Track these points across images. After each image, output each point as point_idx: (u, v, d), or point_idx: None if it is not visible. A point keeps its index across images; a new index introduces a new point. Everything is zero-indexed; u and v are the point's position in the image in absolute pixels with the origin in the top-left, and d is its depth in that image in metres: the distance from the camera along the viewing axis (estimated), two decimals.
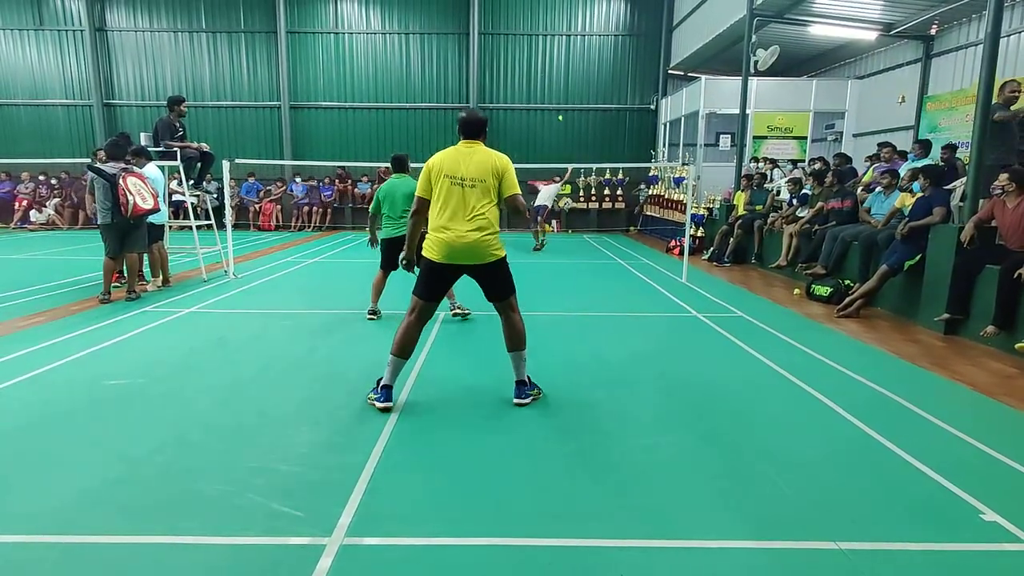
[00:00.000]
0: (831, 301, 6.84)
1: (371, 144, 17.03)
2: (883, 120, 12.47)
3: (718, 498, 2.62)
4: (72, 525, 2.34)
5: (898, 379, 4.25)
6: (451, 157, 3.45)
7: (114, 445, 3.04)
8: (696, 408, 3.70)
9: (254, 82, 16.92)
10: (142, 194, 6.30)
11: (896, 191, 7.10)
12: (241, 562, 2.14)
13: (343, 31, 16.74)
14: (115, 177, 6.14)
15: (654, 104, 17.00)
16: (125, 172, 6.24)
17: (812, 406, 3.74)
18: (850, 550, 2.24)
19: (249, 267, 9.13)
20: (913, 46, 11.72)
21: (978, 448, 3.15)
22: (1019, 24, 9.42)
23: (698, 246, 11.65)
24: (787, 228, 8.80)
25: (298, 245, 12.51)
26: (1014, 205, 5.11)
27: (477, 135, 3.50)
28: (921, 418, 3.55)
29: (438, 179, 3.44)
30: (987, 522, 2.45)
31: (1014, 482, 2.81)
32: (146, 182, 6.45)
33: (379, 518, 2.41)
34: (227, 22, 16.66)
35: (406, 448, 3.07)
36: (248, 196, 16.04)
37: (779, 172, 11.76)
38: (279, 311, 6.25)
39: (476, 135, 3.50)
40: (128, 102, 16.90)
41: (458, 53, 16.83)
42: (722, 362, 4.68)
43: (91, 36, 16.30)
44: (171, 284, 7.46)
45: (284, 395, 3.80)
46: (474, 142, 3.49)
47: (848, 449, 3.15)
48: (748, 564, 2.17)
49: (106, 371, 4.14)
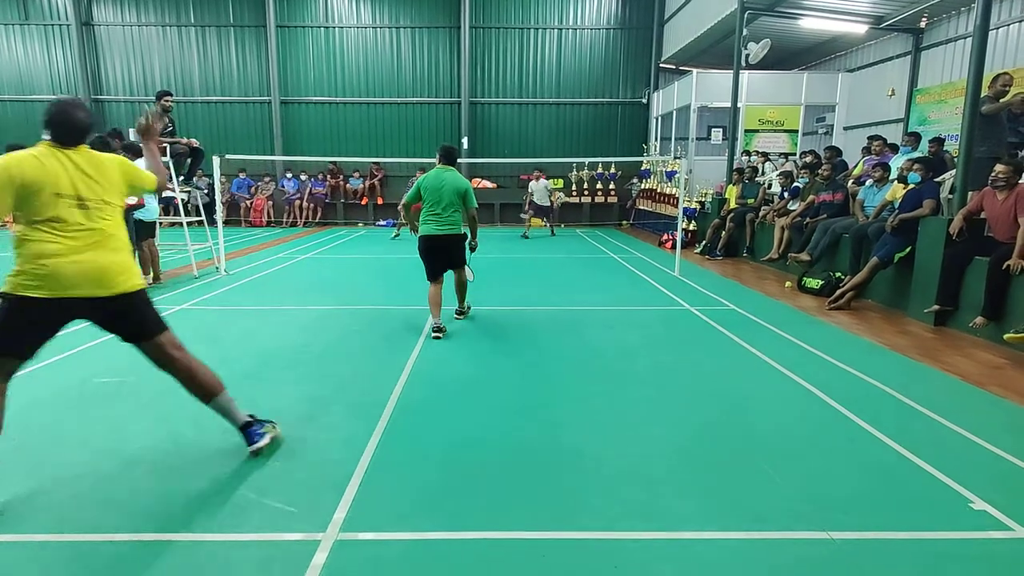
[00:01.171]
0: (822, 293, 6.87)
1: (362, 139, 16.96)
2: (873, 113, 12.53)
3: (711, 490, 2.63)
4: (64, 524, 2.33)
5: (888, 370, 4.29)
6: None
7: (105, 443, 3.03)
8: (689, 401, 3.72)
9: (244, 77, 16.79)
10: None
11: (888, 184, 7.14)
12: (236, 558, 2.14)
13: (333, 25, 16.63)
14: None
15: (646, 98, 17.00)
16: None
17: (804, 398, 3.77)
18: (842, 540, 2.26)
19: (241, 263, 9.08)
20: (903, 39, 11.77)
21: (967, 438, 3.18)
22: (1008, 17, 9.48)
23: (690, 240, 11.68)
24: (778, 221, 8.83)
25: (290, 241, 12.46)
26: (1004, 197, 5.14)
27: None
28: (911, 409, 3.59)
29: None
30: (976, 511, 2.47)
31: (1003, 471, 2.84)
32: None
33: (373, 513, 2.41)
34: (216, 16, 16.51)
35: (399, 444, 3.07)
36: (239, 192, 15.95)
37: (771, 165, 11.80)
38: (271, 307, 6.22)
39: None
40: (116, 97, 16.74)
41: (449, 47, 16.76)
42: (714, 355, 4.70)
43: (78, 30, 16.12)
44: (162, 281, 7.41)
45: (276, 391, 3.79)
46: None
47: (839, 440, 3.17)
48: (742, 555, 2.19)
49: (96, 369, 4.11)
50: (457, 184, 5.11)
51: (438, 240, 5.15)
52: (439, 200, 5.09)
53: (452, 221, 5.14)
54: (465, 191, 5.13)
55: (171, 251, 8.79)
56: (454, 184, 5.10)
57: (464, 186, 5.14)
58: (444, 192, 5.07)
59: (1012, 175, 5.06)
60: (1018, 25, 9.35)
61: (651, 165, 14.99)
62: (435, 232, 5.13)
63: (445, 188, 5.07)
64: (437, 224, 5.12)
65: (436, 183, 5.10)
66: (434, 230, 5.13)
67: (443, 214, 5.11)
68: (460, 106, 16.85)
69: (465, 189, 5.14)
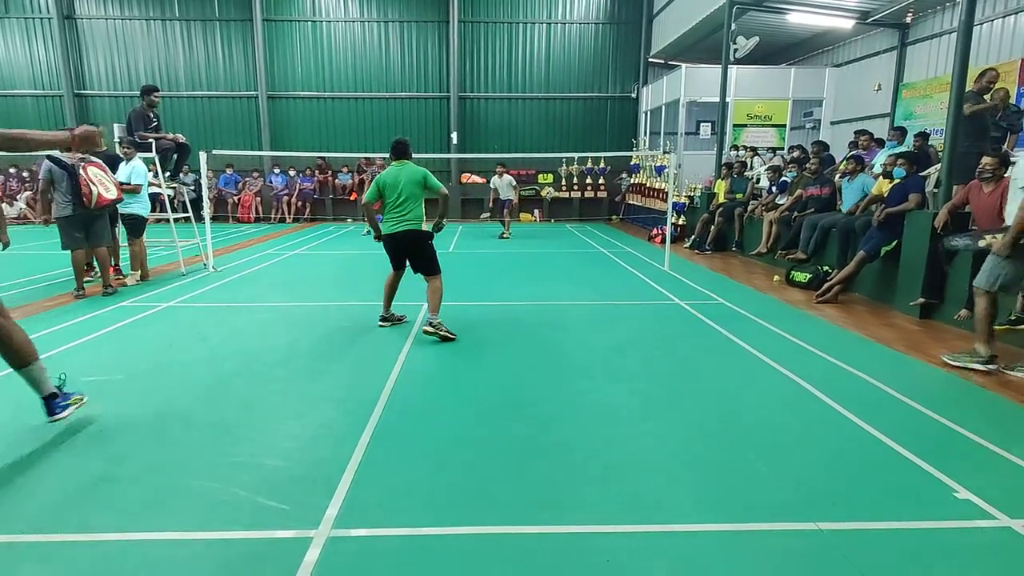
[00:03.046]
0: (810, 287, 6.94)
1: (350, 134, 16.86)
2: (860, 108, 12.63)
3: (701, 483, 2.66)
4: (55, 524, 2.31)
5: (875, 363, 4.34)
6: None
7: (95, 442, 3.00)
8: (678, 395, 3.75)
9: (230, 71, 16.63)
10: (104, 183, 6.07)
11: (860, 175, 7.24)
12: (228, 557, 2.13)
13: (320, 19, 16.50)
14: (74, 167, 5.97)
15: (635, 92, 17.03)
16: (85, 162, 6.04)
17: (792, 391, 3.81)
18: (829, 530, 2.29)
19: (229, 260, 9.02)
20: (889, 34, 11.86)
21: (952, 428, 3.23)
22: (992, 12, 9.58)
23: (680, 234, 11.73)
24: (767, 215, 8.89)
25: (278, 237, 12.37)
26: (990, 190, 5.21)
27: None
28: (897, 400, 3.63)
29: None
30: (961, 500, 2.52)
31: (986, 461, 2.89)
32: (107, 172, 6.25)
33: (365, 510, 2.41)
34: (201, 10, 16.33)
35: (391, 440, 3.07)
36: (226, 188, 15.80)
37: (759, 160, 11.87)
38: (260, 304, 6.18)
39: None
40: (100, 92, 16.52)
41: (438, 41, 16.68)
42: (704, 349, 4.73)
43: (59, 24, 15.87)
44: (149, 278, 7.34)
45: (267, 389, 3.77)
46: None
47: (827, 432, 3.21)
48: (732, 547, 2.21)
49: (83, 367, 4.07)
50: (413, 175, 4.95)
51: (402, 237, 4.98)
52: (399, 195, 4.92)
53: (414, 216, 4.96)
54: (423, 177, 4.98)
55: (158, 248, 8.70)
56: (410, 175, 4.95)
57: (421, 174, 4.97)
58: (402, 185, 4.92)
59: (998, 167, 5.15)
60: (1002, 20, 9.45)
61: (640, 160, 15.03)
62: (397, 230, 4.97)
63: (403, 181, 4.94)
64: (398, 221, 4.96)
65: (394, 179, 4.96)
66: (396, 228, 4.98)
67: (403, 209, 4.94)
68: (449, 101, 16.79)
69: (423, 176, 4.98)
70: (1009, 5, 9.29)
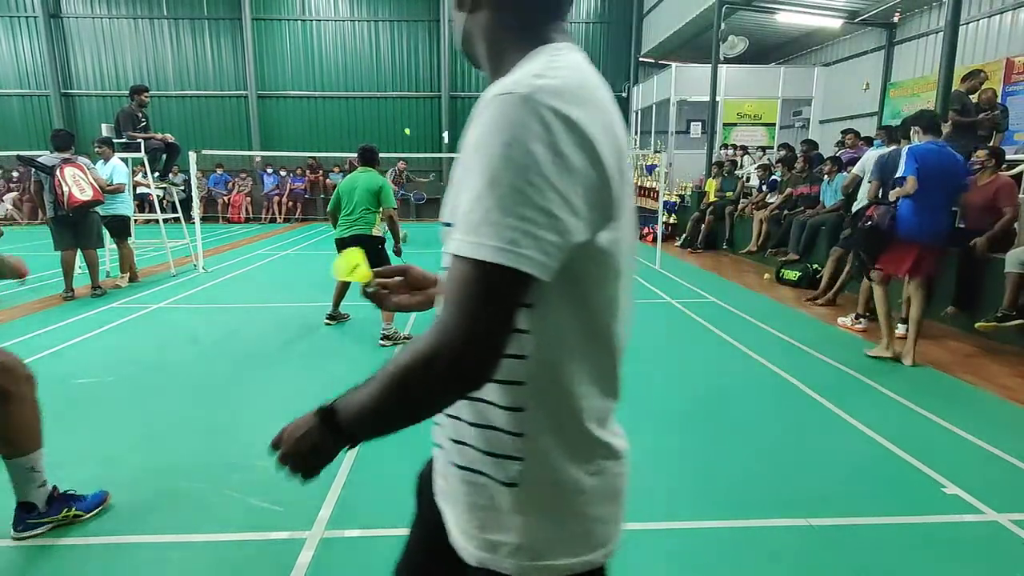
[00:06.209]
0: (800, 285, 7.00)
1: (341, 134, 16.78)
2: (848, 107, 12.72)
3: (693, 479, 2.68)
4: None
5: (864, 360, 4.38)
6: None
7: (86, 445, 2.98)
8: (670, 393, 3.77)
9: (219, 71, 16.51)
10: (79, 184, 5.97)
11: (838, 175, 7.34)
12: (222, 558, 2.13)
13: (310, 18, 16.42)
14: (53, 168, 5.92)
15: (625, 92, 17.06)
16: (64, 163, 5.97)
17: (782, 387, 3.84)
18: (820, 526, 2.32)
19: (219, 260, 8.96)
20: (877, 33, 11.95)
21: (940, 424, 3.27)
22: (978, 12, 9.67)
23: (671, 233, 11.78)
24: (757, 214, 8.95)
25: (269, 237, 12.31)
26: (984, 183, 5.30)
27: None
28: (886, 397, 3.67)
29: None
30: (948, 495, 2.55)
31: (973, 456, 2.93)
32: (86, 172, 6.15)
33: (358, 510, 2.41)
34: (190, 8, 16.20)
35: (383, 441, 3.06)
36: (216, 188, 15.69)
37: (749, 159, 11.94)
38: (251, 305, 6.16)
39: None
40: (87, 92, 16.35)
41: (429, 41, 16.64)
42: (695, 347, 4.77)
43: (45, 23, 15.69)
44: (139, 279, 7.28)
45: (258, 390, 3.76)
46: None
47: (817, 428, 3.24)
48: (723, 542, 2.23)
49: (73, 370, 4.04)
50: (370, 183, 4.83)
51: (349, 241, 4.70)
52: (351, 201, 4.83)
53: (364, 221, 4.84)
54: (379, 188, 4.84)
55: (147, 249, 8.64)
56: (367, 184, 4.83)
57: (378, 184, 4.85)
58: (356, 192, 4.82)
59: (988, 158, 5.27)
60: (987, 20, 9.55)
61: (631, 159, 15.04)
62: (345, 234, 4.82)
63: (358, 188, 4.82)
64: (348, 226, 4.84)
65: (350, 185, 4.88)
66: (344, 232, 4.84)
67: (353, 214, 4.82)
68: (440, 100, 16.76)
69: (379, 186, 4.85)
70: (994, 5, 9.39)
